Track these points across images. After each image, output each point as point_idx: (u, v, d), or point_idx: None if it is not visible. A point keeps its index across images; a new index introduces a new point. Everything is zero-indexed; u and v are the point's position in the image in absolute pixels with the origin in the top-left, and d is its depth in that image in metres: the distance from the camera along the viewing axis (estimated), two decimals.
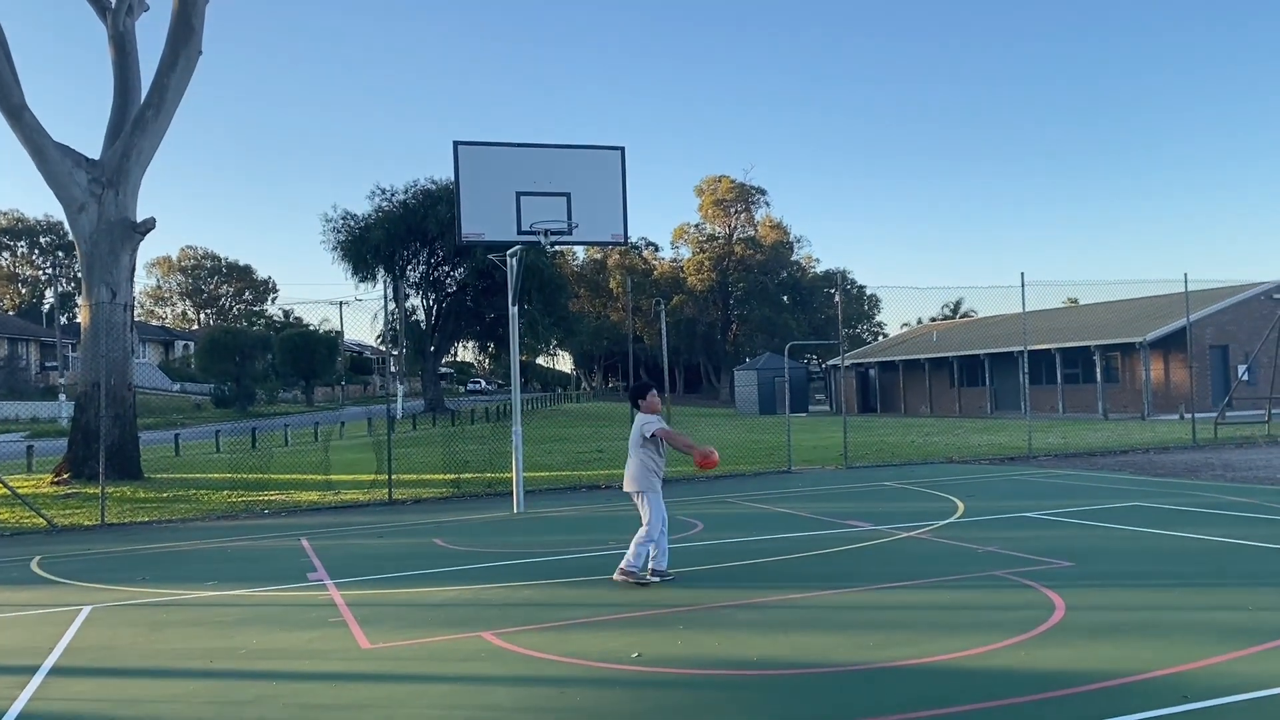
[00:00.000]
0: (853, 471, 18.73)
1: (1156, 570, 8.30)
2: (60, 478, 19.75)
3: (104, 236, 20.30)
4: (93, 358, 19.62)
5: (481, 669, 6.04)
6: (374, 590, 8.78)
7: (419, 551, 10.99)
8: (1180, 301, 36.58)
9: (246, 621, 7.69)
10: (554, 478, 18.71)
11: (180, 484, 19.70)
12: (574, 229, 13.01)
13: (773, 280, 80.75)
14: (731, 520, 12.52)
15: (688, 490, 16.23)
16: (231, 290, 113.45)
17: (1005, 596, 7.39)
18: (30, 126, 19.92)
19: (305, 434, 37.76)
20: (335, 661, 6.35)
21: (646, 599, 7.82)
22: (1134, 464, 18.30)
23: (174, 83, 21.00)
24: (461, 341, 63.39)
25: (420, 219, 51.93)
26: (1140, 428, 28.73)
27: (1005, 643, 6.05)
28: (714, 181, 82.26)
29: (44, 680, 6.20)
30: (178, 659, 6.61)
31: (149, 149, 21.05)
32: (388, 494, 16.36)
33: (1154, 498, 13.06)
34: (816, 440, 26.08)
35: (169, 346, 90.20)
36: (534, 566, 9.61)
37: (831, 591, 7.85)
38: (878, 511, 12.57)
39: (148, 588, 9.37)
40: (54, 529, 14.30)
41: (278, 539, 12.59)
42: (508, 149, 13.30)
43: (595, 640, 6.57)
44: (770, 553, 9.84)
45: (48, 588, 9.69)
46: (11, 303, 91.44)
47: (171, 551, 11.92)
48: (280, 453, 26.89)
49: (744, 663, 5.89)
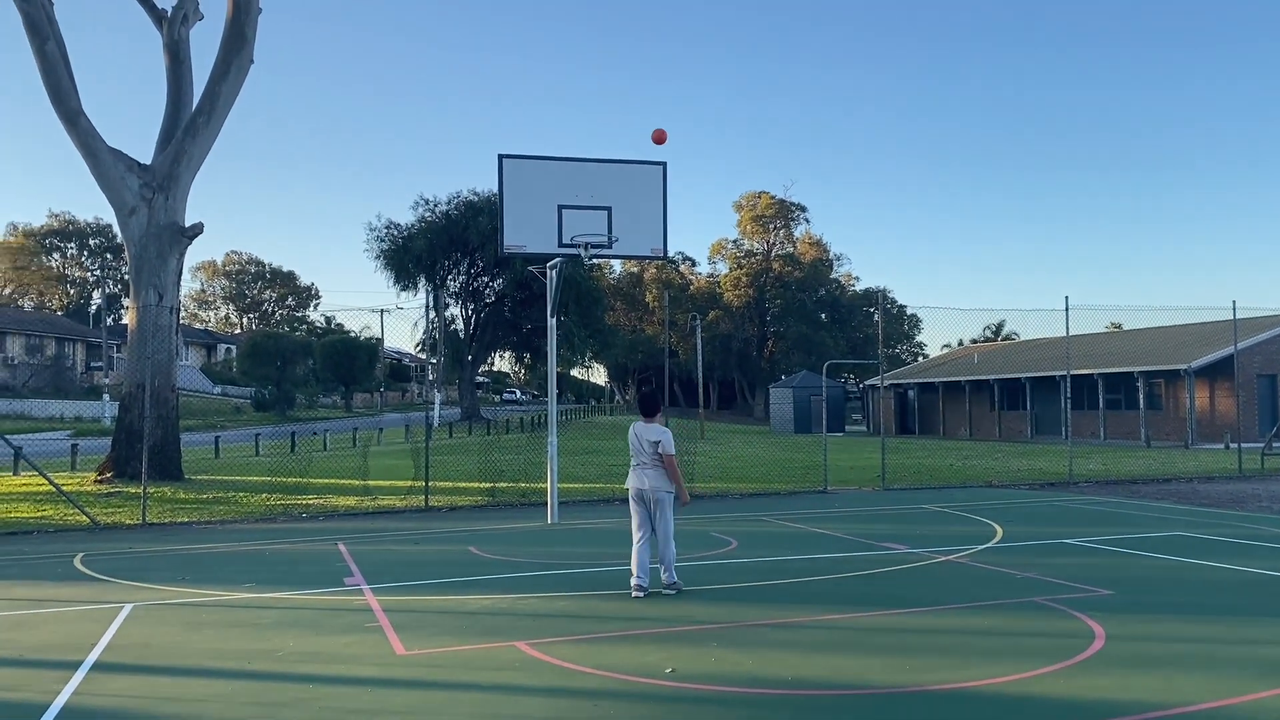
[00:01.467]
0: (890, 493, 18.59)
1: (1199, 602, 8.16)
2: (103, 476, 20.07)
3: (153, 240, 20.66)
4: (139, 359, 19.95)
5: (515, 679, 6.06)
6: (410, 596, 8.84)
7: (454, 559, 11.06)
8: (1227, 329, 36.06)
9: (284, 624, 7.77)
10: (587, 490, 18.74)
11: (220, 486, 19.95)
12: (614, 242, 13.06)
13: (810, 298, 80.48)
14: (766, 539, 12.47)
15: (721, 507, 16.19)
16: (274, 295, 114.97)
17: (1044, 623, 7.30)
18: (85, 131, 20.35)
19: (344, 439, 38.13)
20: (371, 667, 6.40)
21: (680, 615, 7.80)
22: (1177, 493, 18.01)
23: (225, 91, 21.37)
24: (498, 351, 63.79)
25: (462, 229, 52.40)
26: (1183, 456, 28.26)
27: (1045, 670, 5.97)
28: (753, 197, 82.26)
29: (86, 676, 6.30)
30: (216, 659, 6.69)
31: (199, 155, 21.43)
32: (424, 501, 16.47)
33: (1197, 528, 12.84)
34: (853, 460, 25.91)
35: (211, 349, 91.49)
36: (568, 578, 9.63)
37: (867, 614, 7.79)
38: (915, 534, 12.47)
39: (187, 588, 9.50)
40: (96, 527, 14.53)
41: (315, 543, 12.71)
42: (551, 162, 13.39)
43: (629, 654, 6.57)
44: (805, 573, 9.79)
45: (90, 585, 9.84)
46: (60, 303, 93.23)
47: (211, 553, 12.07)
48: (319, 457, 27.16)
49: (779, 682, 5.87)
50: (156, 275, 20.62)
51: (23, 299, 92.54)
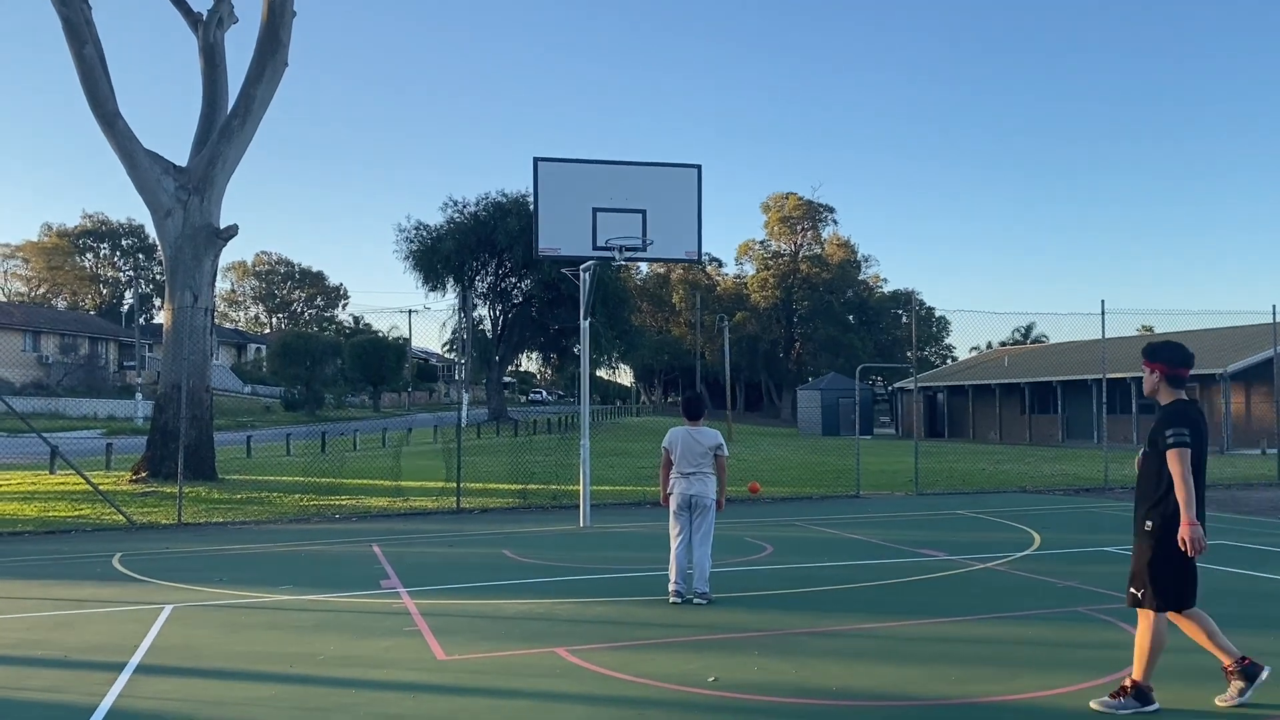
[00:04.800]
0: (924, 498, 18.44)
1: (1246, 613, 8.01)
2: (138, 476, 20.26)
3: (188, 242, 20.84)
4: (174, 360, 20.13)
5: (557, 686, 6.03)
6: (447, 600, 8.84)
7: (489, 562, 11.06)
8: (1262, 333, 35.49)
9: (323, 627, 7.79)
10: (618, 492, 18.72)
11: (253, 486, 20.09)
12: (648, 245, 13.04)
13: (838, 299, 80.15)
14: (801, 545, 12.39)
15: (753, 512, 16.11)
16: (303, 296, 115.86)
17: (1090, 633, 7.20)
18: (123, 134, 20.55)
19: (373, 439, 38.33)
20: (412, 672, 6.40)
21: (719, 622, 7.75)
22: (1216, 500, 17.75)
23: (260, 93, 21.53)
24: (526, 352, 63.96)
25: (490, 231, 52.59)
26: (1220, 462, 27.88)
27: (1095, 682, 5.88)
28: (781, 198, 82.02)
29: (131, 677, 6.33)
30: (258, 662, 6.71)
31: (234, 157, 21.59)
32: (456, 502, 16.50)
33: (1239, 536, 12.65)
34: (884, 464, 25.74)
35: (241, 349, 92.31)
36: (604, 583, 9.60)
37: (909, 622, 7.71)
38: (952, 541, 12.35)
39: (226, 589, 9.55)
40: (133, 526, 14.66)
41: (350, 544, 12.76)
42: (585, 165, 13.39)
43: (670, 661, 6.53)
44: (843, 580, 9.71)
45: (130, 585, 9.92)
46: (93, 303, 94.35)
47: (247, 553, 12.14)
48: (349, 457, 27.31)
49: (823, 692, 5.81)
50: (192, 277, 20.79)
51: (56, 299, 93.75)
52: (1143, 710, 5.30)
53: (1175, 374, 5.59)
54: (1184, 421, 5.38)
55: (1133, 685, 5.36)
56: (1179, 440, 5.27)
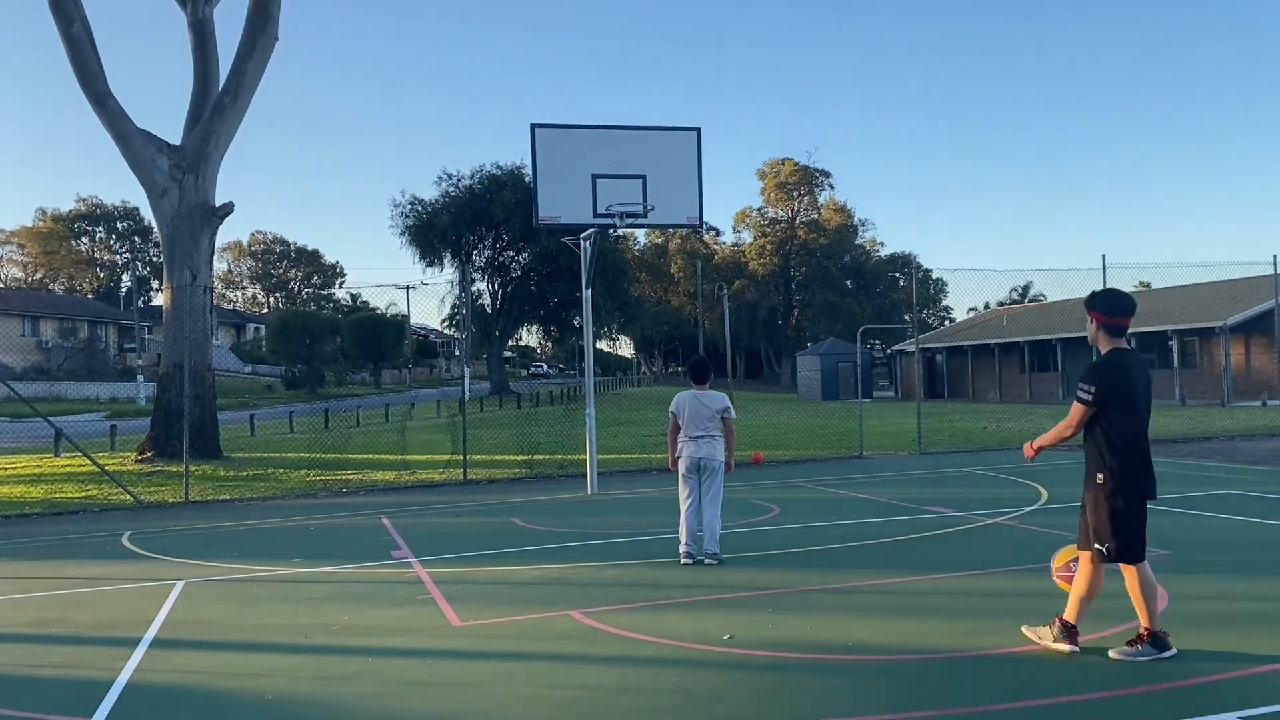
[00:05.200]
0: (927, 457, 18.46)
1: (1259, 560, 8.03)
2: (144, 456, 20.27)
3: (185, 221, 20.73)
4: (175, 339, 20.09)
5: (574, 648, 6.04)
6: (458, 568, 8.85)
7: (499, 531, 11.07)
8: (1260, 285, 35.46)
9: (337, 598, 7.80)
10: (624, 460, 18.73)
11: (259, 463, 20.11)
12: (649, 211, 12.95)
13: (836, 264, 79.90)
14: (808, 505, 12.41)
15: (759, 475, 16.13)
16: (300, 274, 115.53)
17: (1107, 584, 7.18)
18: (114, 113, 20.39)
19: (376, 415, 38.34)
20: (428, 638, 6.40)
21: (732, 581, 7.76)
22: (1220, 451, 17.78)
23: (251, 69, 21.34)
24: (526, 325, 63.87)
25: (486, 204, 52.35)
26: (1221, 414, 27.90)
27: (1112, 630, 5.88)
28: (777, 164, 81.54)
29: (146, 652, 6.33)
30: (273, 633, 6.72)
31: (227, 134, 21.44)
32: (462, 474, 16.52)
33: (1246, 485, 12.66)
34: (885, 426, 25.74)
35: (240, 329, 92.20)
36: (615, 547, 9.61)
37: (920, 577, 7.72)
38: (958, 498, 12.36)
39: (237, 563, 9.56)
40: (141, 505, 14.67)
41: (358, 517, 12.77)
42: (583, 130, 13.27)
43: (685, 621, 6.54)
44: (852, 537, 9.72)
45: (141, 562, 9.93)
46: (90, 286, 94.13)
47: (256, 528, 12.15)
48: (353, 433, 27.32)
49: (839, 647, 5.81)
50: (189, 255, 20.70)
51: (53, 283, 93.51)
52: (1160, 656, 5.31)
53: (1113, 323, 5.53)
54: (1100, 376, 5.38)
55: (1147, 633, 5.37)
56: (1082, 397, 5.42)
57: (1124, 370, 5.38)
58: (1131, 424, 5.35)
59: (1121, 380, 5.36)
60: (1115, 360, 5.44)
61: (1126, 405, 5.33)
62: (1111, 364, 5.43)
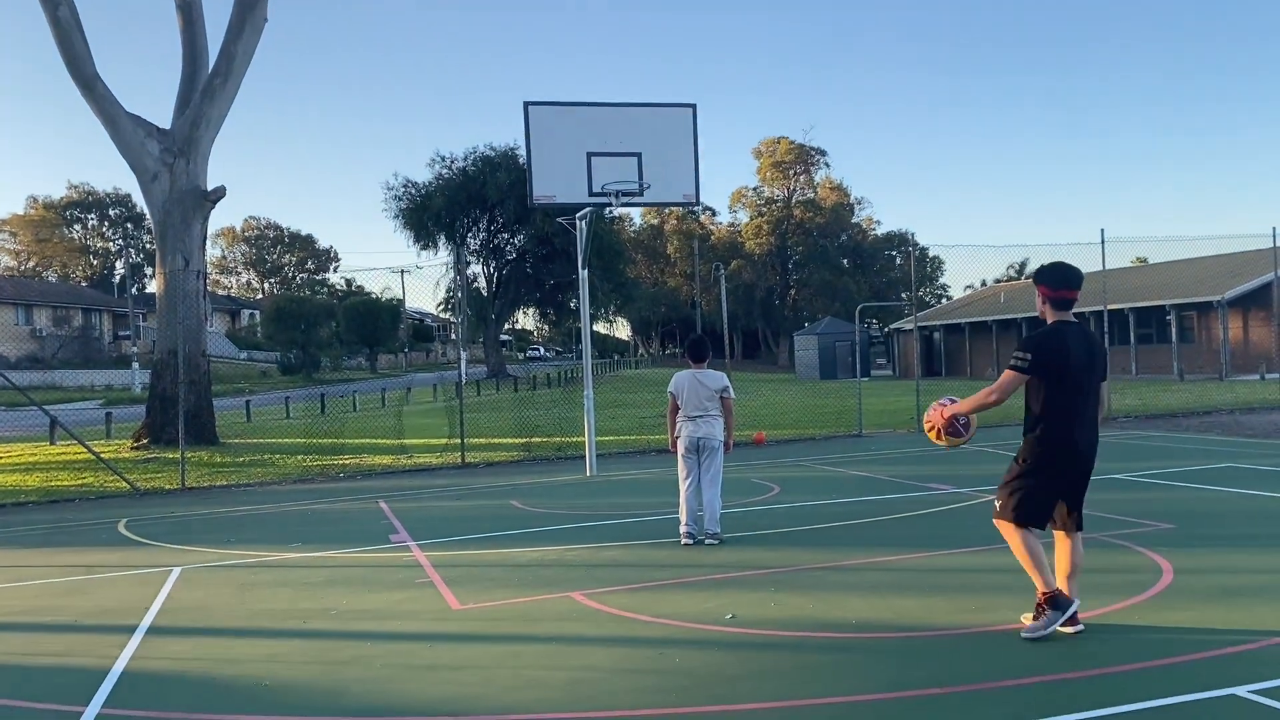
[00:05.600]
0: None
1: (1263, 533, 7.98)
2: (139, 443, 20.18)
3: (176, 205, 20.56)
4: (169, 325, 19.95)
5: (576, 629, 5.98)
6: (457, 551, 8.79)
7: (497, 513, 11.01)
8: (1257, 259, 35.37)
9: (335, 582, 7.73)
10: (622, 441, 18.67)
11: (255, 449, 20.03)
12: (645, 189, 12.82)
13: (833, 243, 79.77)
14: (808, 483, 12.36)
15: (758, 454, 16.08)
16: (294, 260, 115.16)
17: (1109, 559, 7.15)
18: (103, 97, 20.18)
19: (372, 400, 38.26)
20: (428, 622, 6.34)
21: (732, 561, 7.70)
22: (1220, 425, 17.75)
23: (241, 50, 21.12)
24: (522, 308, 63.70)
25: (480, 186, 52.05)
26: (1220, 388, 27.90)
27: (1118, 605, 5.84)
28: (772, 143, 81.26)
29: (143, 639, 6.27)
30: (271, 619, 6.65)
31: (218, 117, 21.24)
32: (460, 457, 16.45)
33: (1248, 459, 12.62)
34: (884, 404, 25.71)
35: (235, 315, 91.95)
36: (615, 528, 9.55)
37: (923, 554, 7.66)
38: (959, 475, 12.31)
39: (234, 549, 9.49)
40: (137, 492, 14.60)
41: (356, 501, 12.71)
42: (578, 108, 13.12)
43: (687, 601, 6.48)
44: (853, 515, 9.67)
45: (137, 549, 9.86)
46: (84, 274, 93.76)
47: (253, 514, 12.08)
48: (350, 418, 27.25)
49: (843, 625, 5.76)
50: (181, 240, 20.54)
51: (46, 271, 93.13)
52: (1065, 616, 5.26)
53: (1058, 296, 5.48)
54: (1036, 344, 5.35)
55: (1045, 597, 5.31)
56: (1014, 364, 5.40)
57: (1060, 341, 5.34)
58: (1059, 396, 5.30)
59: (1056, 352, 5.32)
60: (1054, 331, 5.41)
61: (1057, 377, 5.29)
62: (1049, 335, 5.40)
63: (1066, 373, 5.29)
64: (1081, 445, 5.33)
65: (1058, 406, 5.30)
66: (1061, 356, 5.30)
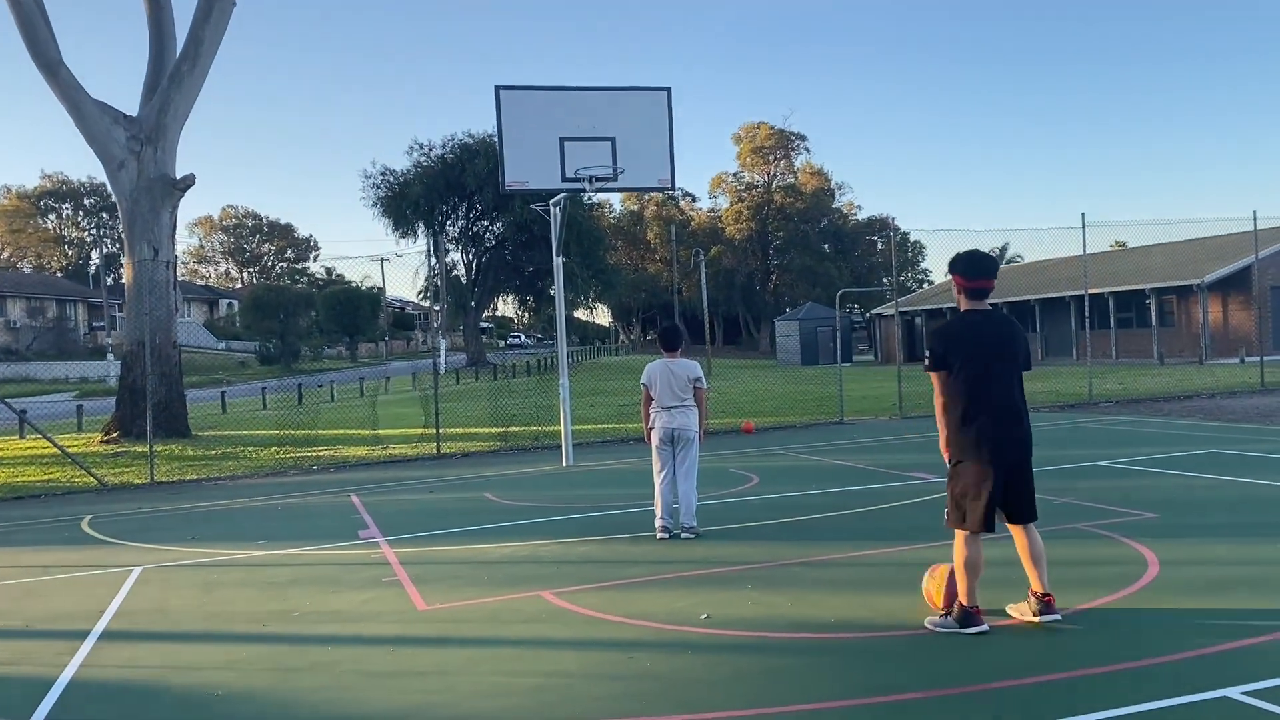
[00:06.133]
0: (908, 422, 18.27)
1: (1249, 521, 7.83)
2: (109, 436, 19.83)
3: (144, 194, 20.16)
4: (137, 316, 19.59)
5: (544, 631, 5.76)
6: (427, 547, 8.56)
7: (470, 507, 10.78)
8: (1237, 243, 35.44)
9: (299, 581, 7.49)
10: (600, 430, 18.45)
11: (228, 441, 19.71)
12: (620, 174, 12.53)
13: (813, 228, 79.55)
14: (787, 473, 12.18)
15: (736, 443, 15.90)
16: (273, 249, 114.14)
17: (1093, 550, 6.99)
18: (67, 83, 19.74)
19: (350, 389, 37.92)
20: (392, 624, 6.11)
21: (708, 556, 7.50)
22: (1202, 409, 17.68)
23: (208, 35, 20.69)
24: (501, 296, 63.34)
25: (458, 173, 51.67)
26: (1200, 372, 27.92)
27: (1104, 600, 5.67)
28: (752, 128, 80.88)
29: (95, 645, 6.02)
30: (231, 622, 6.41)
31: (186, 104, 20.82)
32: (436, 448, 16.20)
33: (1231, 444, 12.51)
34: (866, 390, 25.57)
35: (213, 305, 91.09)
36: (589, 521, 9.33)
37: (905, 547, 7.48)
38: (940, 463, 12.08)
39: (199, 547, 9.23)
40: (104, 488, 14.29)
41: (328, 495, 12.45)
42: (550, 93, 12.81)
43: (660, 600, 6.27)
44: (833, 507, 9.49)
45: (98, 548, 9.59)
46: (58, 264, 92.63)
47: (222, 509, 11.81)
48: (326, 408, 26.90)
49: (821, 625, 5.56)
50: (150, 229, 20.15)
51: (20, 262, 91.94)
52: (962, 632, 5.11)
53: (970, 286, 5.32)
54: (938, 337, 5.22)
55: (959, 608, 5.17)
56: (926, 364, 5.26)
57: (967, 330, 5.21)
58: (969, 388, 5.15)
59: (958, 340, 5.18)
60: (960, 321, 5.27)
61: (964, 368, 5.15)
62: (954, 325, 5.27)
63: (973, 362, 5.15)
64: (1002, 438, 5.15)
65: (969, 398, 5.17)
66: (966, 345, 5.17)
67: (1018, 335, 5.38)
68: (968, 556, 5.23)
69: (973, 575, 5.22)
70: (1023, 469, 5.32)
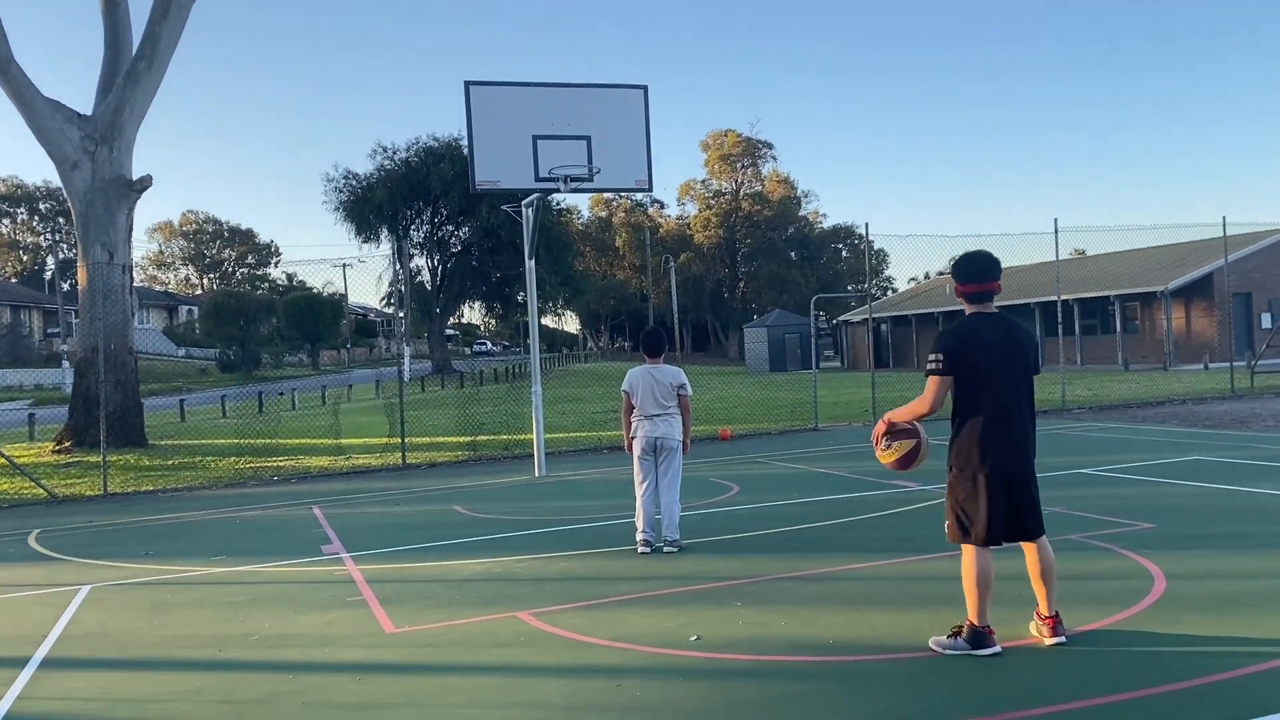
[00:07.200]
0: None
1: (1251, 532, 7.60)
2: (61, 446, 19.13)
3: (99, 195, 19.51)
4: (91, 321, 18.91)
5: (522, 657, 5.36)
6: (394, 564, 8.12)
7: (439, 520, 10.34)
8: (1200, 250, 35.75)
9: (258, 601, 7.04)
10: (573, 439, 18.04)
11: (186, 451, 19.08)
12: (596, 174, 12.20)
13: (780, 236, 79.63)
14: (768, 482, 11.85)
15: (713, 451, 15.56)
16: (234, 254, 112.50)
17: (1094, 564, 6.71)
18: (18, 80, 19.06)
19: (313, 397, 37.18)
20: (357, 649, 5.68)
21: (694, 571, 7.14)
22: (1177, 415, 17.59)
23: (166, 32, 20.08)
24: (467, 302, 62.66)
25: (423, 177, 51.02)
26: (1166, 378, 27.99)
27: (1117, 617, 5.37)
28: (720, 136, 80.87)
29: (34, 674, 5.55)
30: (183, 647, 5.96)
31: (142, 103, 20.19)
32: (401, 458, 15.72)
33: (1214, 451, 12.35)
34: (837, 396, 25.36)
35: (173, 312, 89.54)
36: (565, 535, 8.94)
37: (897, 560, 7.17)
38: (923, 470, 11.80)
39: (152, 564, 8.74)
40: (55, 500, 13.69)
41: (289, 507, 11.95)
42: (523, 89, 12.42)
43: (647, 620, 5.90)
44: (818, 517, 9.16)
45: (45, 565, 9.06)
46: (13, 270, 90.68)
47: (177, 523, 11.28)
48: (288, 417, 26.28)
49: (819, 646, 5.21)
50: (105, 232, 19.49)
51: None
52: (974, 653, 4.82)
53: (971, 290, 5.08)
54: (945, 341, 5.00)
55: (969, 626, 4.88)
56: (931, 368, 5.02)
57: (973, 334, 4.96)
58: (978, 394, 4.90)
59: (969, 344, 4.93)
60: (965, 325, 5.03)
61: (973, 373, 4.91)
62: (960, 329, 5.02)
63: (983, 366, 4.90)
64: (1009, 445, 4.86)
65: (978, 404, 4.91)
66: (976, 350, 4.92)
67: (1029, 339, 5.09)
68: (977, 572, 4.92)
69: (984, 591, 4.91)
70: (1028, 480, 5.02)
